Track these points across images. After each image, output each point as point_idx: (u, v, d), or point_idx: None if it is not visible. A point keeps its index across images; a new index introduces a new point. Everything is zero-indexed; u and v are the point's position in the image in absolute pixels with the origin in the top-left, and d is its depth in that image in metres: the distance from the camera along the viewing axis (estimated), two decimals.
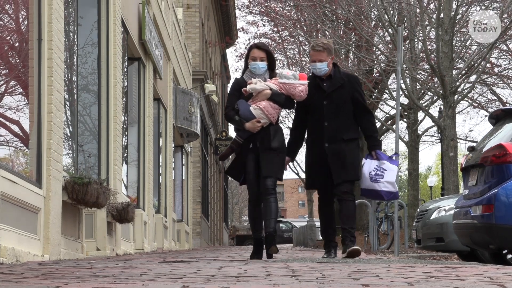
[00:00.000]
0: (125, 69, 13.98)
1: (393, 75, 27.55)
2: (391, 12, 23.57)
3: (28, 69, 8.34)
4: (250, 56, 8.36)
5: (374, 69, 28.20)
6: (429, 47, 23.94)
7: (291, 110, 9.17)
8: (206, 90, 28.23)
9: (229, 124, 22.74)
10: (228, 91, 13.73)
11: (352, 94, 8.40)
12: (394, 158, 8.64)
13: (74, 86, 10.84)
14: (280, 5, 30.38)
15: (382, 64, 25.74)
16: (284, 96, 8.25)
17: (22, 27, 8.52)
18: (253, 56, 8.33)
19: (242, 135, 8.24)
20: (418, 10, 22.73)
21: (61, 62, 8.90)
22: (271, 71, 8.46)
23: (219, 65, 42.65)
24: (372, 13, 25.12)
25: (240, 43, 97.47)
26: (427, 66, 24.85)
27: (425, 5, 22.81)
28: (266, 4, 31.00)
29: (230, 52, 51.77)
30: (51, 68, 8.46)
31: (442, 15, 21.39)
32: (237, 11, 36.75)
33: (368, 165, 8.35)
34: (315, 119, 8.37)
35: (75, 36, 10.88)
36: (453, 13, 21.32)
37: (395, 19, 24.27)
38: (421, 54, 24.57)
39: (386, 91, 28.00)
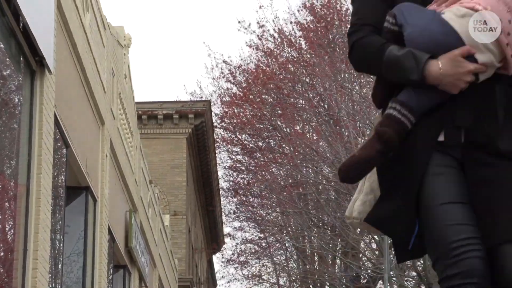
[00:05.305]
0: (110, 277, 13.85)
1: (380, 282, 27.39)
2: None
3: (12, 280, 8.23)
4: None
5: (361, 276, 28.07)
6: None
7: None
8: None
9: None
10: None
11: None
12: None
13: None
14: (266, 211, 30.70)
15: (369, 271, 25.64)
16: None
17: (9, 237, 8.50)
18: None
19: (413, 104, 2.85)
20: None
21: (46, 272, 8.81)
22: None
23: (205, 272, 42.32)
24: None
25: (227, 249, 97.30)
26: (414, 273, 24.77)
27: None
28: (252, 210, 31.32)
29: (216, 258, 51.59)
30: (35, 278, 8.36)
31: None
32: (223, 217, 37.02)
33: None
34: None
35: (61, 245, 10.85)
36: None
37: None
38: (408, 262, 24.59)
39: None
